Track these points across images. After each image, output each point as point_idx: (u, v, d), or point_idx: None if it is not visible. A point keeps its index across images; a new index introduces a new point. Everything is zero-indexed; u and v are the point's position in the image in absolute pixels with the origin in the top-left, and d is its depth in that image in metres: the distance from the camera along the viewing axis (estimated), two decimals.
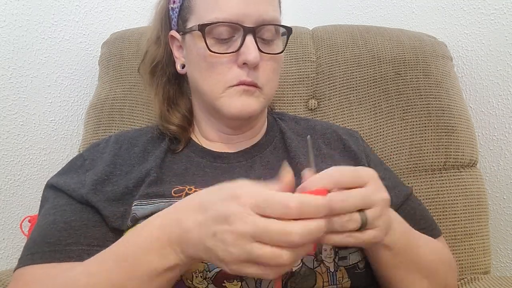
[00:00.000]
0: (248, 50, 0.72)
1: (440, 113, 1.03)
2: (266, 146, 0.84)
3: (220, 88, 0.74)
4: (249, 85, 0.74)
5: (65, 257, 0.66)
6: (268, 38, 0.76)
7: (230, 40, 0.74)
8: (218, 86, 0.75)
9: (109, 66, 1.15)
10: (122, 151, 0.80)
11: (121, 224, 0.70)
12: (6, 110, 1.20)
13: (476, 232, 0.98)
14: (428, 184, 1.01)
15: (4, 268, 1.21)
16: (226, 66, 0.74)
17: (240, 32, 0.73)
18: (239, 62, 0.73)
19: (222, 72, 0.74)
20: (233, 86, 0.74)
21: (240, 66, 0.74)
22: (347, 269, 0.66)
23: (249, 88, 0.74)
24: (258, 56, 0.72)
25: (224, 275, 0.62)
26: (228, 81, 0.74)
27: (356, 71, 1.09)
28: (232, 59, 0.74)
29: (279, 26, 0.77)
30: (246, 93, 0.75)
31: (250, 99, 0.75)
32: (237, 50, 0.73)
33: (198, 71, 0.76)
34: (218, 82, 0.74)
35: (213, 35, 0.73)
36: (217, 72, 0.74)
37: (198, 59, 0.75)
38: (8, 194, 1.22)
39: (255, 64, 0.73)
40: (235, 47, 0.73)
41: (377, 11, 1.34)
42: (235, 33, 0.73)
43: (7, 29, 1.18)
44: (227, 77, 0.74)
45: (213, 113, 0.81)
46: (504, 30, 1.10)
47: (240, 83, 0.74)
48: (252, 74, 0.74)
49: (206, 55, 0.74)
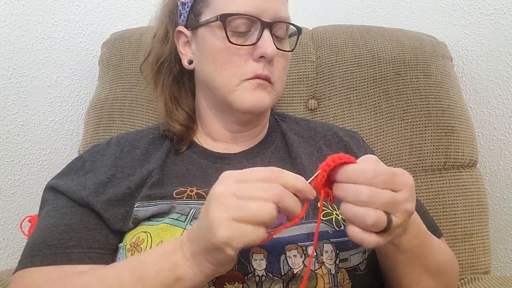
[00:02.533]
0: (265, 44, 0.73)
1: (440, 113, 1.03)
2: (267, 146, 0.85)
3: (236, 81, 0.75)
4: (263, 79, 0.75)
5: (65, 260, 0.66)
6: (280, 35, 0.77)
7: (246, 34, 0.75)
8: (233, 79, 0.75)
9: (109, 66, 1.15)
10: (123, 154, 0.80)
11: (122, 225, 0.70)
12: (6, 110, 1.20)
13: (476, 232, 0.98)
14: (428, 184, 1.01)
15: (4, 268, 1.21)
16: (242, 59, 0.75)
17: (257, 26, 0.74)
18: (255, 56, 0.74)
19: (238, 65, 0.75)
20: (248, 80, 0.75)
21: (256, 60, 0.75)
22: (348, 271, 0.67)
23: (263, 82, 0.75)
24: (275, 50, 0.74)
25: (225, 277, 0.62)
26: (244, 74, 0.75)
27: (356, 71, 1.10)
28: (249, 52, 0.75)
29: (293, 25, 0.79)
30: (261, 87, 0.76)
31: (264, 93, 0.76)
32: (255, 43, 0.74)
33: (212, 64, 0.76)
34: (235, 75, 0.75)
35: (230, 27, 0.74)
36: (233, 65, 0.75)
37: (214, 51, 0.76)
38: (8, 194, 1.22)
39: (272, 57, 0.74)
40: (252, 40, 0.74)
41: (377, 11, 1.34)
42: (252, 27, 0.75)
43: (7, 29, 1.18)
44: (243, 70, 0.75)
45: (224, 109, 0.81)
46: (504, 30, 1.10)
47: (255, 77, 0.75)
48: (267, 68, 0.75)
49: (223, 47, 0.74)
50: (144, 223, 0.69)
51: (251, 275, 0.62)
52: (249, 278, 0.62)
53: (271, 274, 0.62)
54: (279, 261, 0.63)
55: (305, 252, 0.64)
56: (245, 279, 0.62)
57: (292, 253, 0.64)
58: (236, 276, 0.62)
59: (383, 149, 1.04)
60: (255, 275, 0.62)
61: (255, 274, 0.62)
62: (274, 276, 0.62)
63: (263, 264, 0.63)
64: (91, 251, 0.67)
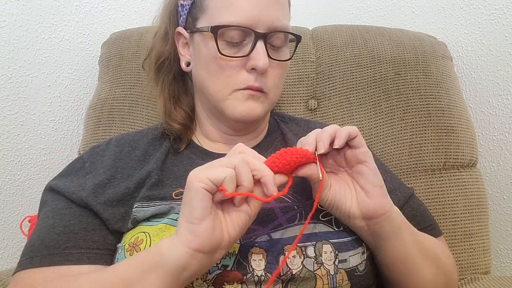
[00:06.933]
0: (258, 56, 0.72)
1: (440, 113, 1.03)
2: (267, 147, 0.85)
3: (227, 90, 0.75)
4: (256, 90, 0.74)
5: (64, 261, 0.66)
6: (277, 45, 0.76)
7: (240, 44, 0.74)
8: (225, 88, 0.75)
9: (109, 66, 1.15)
10: (123, 155, 0.80)
11: (121, 226, 0.71)
12: (6, 110, 1.20)
13: (476, 232, 0.98)
14: (428, 184, 1.01)
15: (4, 268, 1.21)
16: (235, 70, 0.74)
17: (251, 37, 0.73)
18: (248, 67, 0.73)
19: (230, 75, 0.74)
20: (240, 90, 0.74)
21: (248, 71, 0.74)
22: (347, 271, 0.66)
23: (255, 93, 0.75)
24: (268, 63, 0.72)
25: (224, 277, 0.62)
26: (236, 84, 0.74)
27: (356, 71, 1.09)
28: (241, 63, 0.74)
29: (291, 33, 0.77)
30: (252, 98, 0.75)
31: (256, 104, 0.75)
32: (247, 54, 0.73)
33: (206, 71, 0.76)
34: (226, 85, 0.74)
35: (224, 37, 0.73)
36: (225, 75, 0.74)
37: (207, 59, 0.75)
38: (8, 194, 1.22)
39: (264, 70, 0.73)
40: (245, 52, 0.73)
41: (377, 11, 1.34)
42: (246, 38, 0.73)
43: (7, 29, 1.18)
44: (235, 81, 0.74)
45: (217, 114, 0.81)
46: (504, 30, 1.10)
47: (247, 88, 0.74)
48: (259, 79, 0.74)
49: (215, 57, 0.74)
50: (143, 223, 0.69)
51: (250, 275, 0.62)
52: (248, 278, 0.62)
53: (270, 274, 0.62)
54: (278, 262, 0.63)
55: (304, 253, 0.64)
56: (244, 279, 0.62)
57: (291, 253, 0.64)
58: (235, 276, 0.62)
59: (383, 149, 1.04)
60: (254, 275, 0.62)
61: (254, 274, 0.62)
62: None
63: (262, 264, 0.63)
64: (89, 252, 0.67)
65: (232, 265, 0.62)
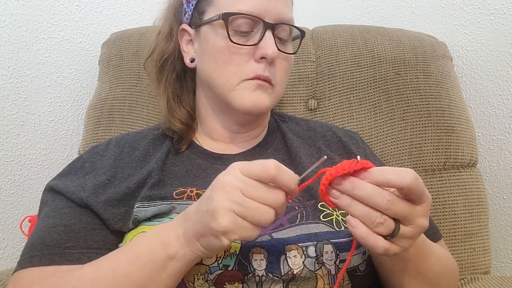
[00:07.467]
0: (267, 45, 0.73)
1: (440, 113, 1.03)
2: (267, 147, 0.85)
3: (236, 80, 0.75)
4: (264, 80, 0.75)
5: (64, 260, 0.66)
6: (283, 37, 0.77)
7: (249, 34, 0.75)
8: (233, 78, 0.75)
9: (109, 66, 1.15)
10: (123, 155, 0.80)
11: (122, 226, 0.71)
12: (6, 110, 1.20)
13: (476, 232, 0.98)
14: (428, 184, 1.01)
15: (4, 268, 1.21)
16: (243, 59, 0.75)
17: (259, 27, 0.74)
18: (257, 56, 0.74)
19: (239, 64, 0.75)
20: (248, 80, 0.75)
21: (257, 61, 0.74)
22: (347, 271, 0.67)
23: (263, 83, 0.75)
24: (277, 52, 0.73)
25: (226, 277, 0.62)
26: (244, 74, 0.75)
27: (356, 71, 1.09)
28: (250, 52, 0.75)
29: (296, 27, 0.79)
30: (260, 88, 0.75)
31: (264, 95, 0.76)
32: (257, 43, 0.74)
33: (214, 62, 0.76)
34: (234, 74, 0.75)
35: (233, 27, 0.74)
36: (234, 64, 0.75)
37: (215, 50, 0.76)
38: (8, 194, 1.22)
39: (273, 59, 0.74)
40: (254, 41, 0.74)
41: (377, 11, 1.34)
42: (255, 27, 0.75)
43: (7, 29, 1.18)
44: (244, 70, 0.75)
45: (223, 108, 0.81)
46: (504, 30, 1.10)
47: (255, 77, 0.75)
48: (268, 69, 0.75)
49: (225, 46, 0.74)
50: (144, 223, 0.69)
51: (251, 275, 0.62)
52: (249, 278, 0.62)
53: (271, 274, 0.62)
54: (279, 262, 0.63)
55: (305, 253, 0.64)
56: (245, 279, 0.62)
57: (292, 253, 0.64)
58: (236, 276, 0.62)
59: (383, 149, 1.04)
60: (255, 275, 0.62)
61: (255, 274, 0.62)
62: (274, 276, 0.62)
63: (263, 264, 0.63)
64: (90, 251, 0.67)
65: (233, 265, 0.62)
